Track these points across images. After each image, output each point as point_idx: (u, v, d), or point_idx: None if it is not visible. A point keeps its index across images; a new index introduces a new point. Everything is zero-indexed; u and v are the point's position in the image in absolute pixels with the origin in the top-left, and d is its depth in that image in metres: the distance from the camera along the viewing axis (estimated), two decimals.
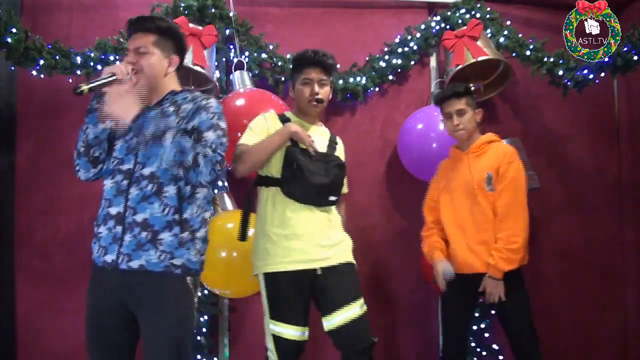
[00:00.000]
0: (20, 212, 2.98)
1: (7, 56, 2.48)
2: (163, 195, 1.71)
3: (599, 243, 3.47)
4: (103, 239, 1.72)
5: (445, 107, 2.48)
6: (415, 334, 3.30)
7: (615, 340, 3.44)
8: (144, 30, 1.83)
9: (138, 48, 1.80)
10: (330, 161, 2.19)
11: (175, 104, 1.82)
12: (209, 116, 1.76)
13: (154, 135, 1.64)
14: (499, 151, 2.44)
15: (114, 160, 1.79)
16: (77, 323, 2.95)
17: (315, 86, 2.19)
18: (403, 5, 3.40)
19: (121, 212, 1.70)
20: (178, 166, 1.64)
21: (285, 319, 2.10)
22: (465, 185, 2.45)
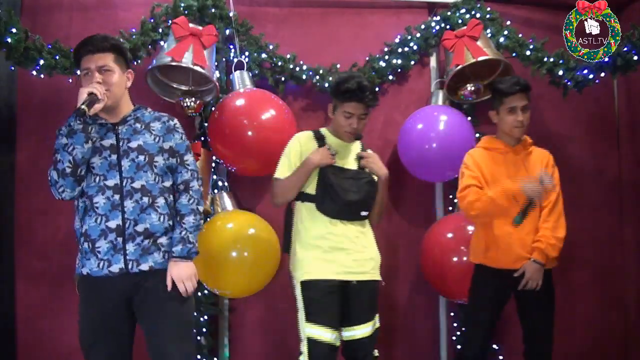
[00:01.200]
0: (20, 212, 2.98)
1: (7, 56, 2.48)
2: (157, 206, 1.93)
3: (598, 242, 3.47)
4: (103, 252, 1.88)
5: (512, 100, 2.39)
6: (415, 334, 3.30)
7: (615, 340, 3.44)
8: (102, 50, 1.94)
9: (102, 67, 1.92)
10: (362, 178, 2.30)
11: (139, 121, 2.00)
12: (181, 138, 2.04)
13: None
14: (544, 153, 2.54)
15: (96, 177, 1.92)
16: (77, 323, 2.97)
17: (355, 121, 2.26)
18: (403, 5, 3.40)
19: (120, 225, 1.87)
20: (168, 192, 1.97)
21: (320, 322, 2.19)
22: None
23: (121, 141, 1.94)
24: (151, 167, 1.94)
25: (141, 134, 1.96)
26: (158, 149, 1.96)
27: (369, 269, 2.29)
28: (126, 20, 3.04)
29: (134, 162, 1.92)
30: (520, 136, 2.47)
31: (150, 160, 1.94)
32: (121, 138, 1.95)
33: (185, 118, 3.03)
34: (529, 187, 2.28)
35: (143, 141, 1.95)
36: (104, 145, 1.93)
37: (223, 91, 3.01)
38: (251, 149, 2.77)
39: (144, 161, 1.93)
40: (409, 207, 3.34)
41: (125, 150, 1.93)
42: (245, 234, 2.78)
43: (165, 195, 1.96)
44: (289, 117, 2.90)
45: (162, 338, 1.90)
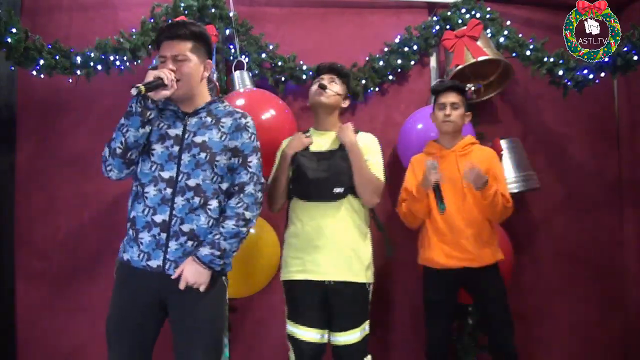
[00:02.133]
0: (20, 212, 2.98)
1: (7, 56, 2.48)
2: (208, 208, 1.84)
3: (599, 243, 3.47)
4: (145, 244, 1.81)
5: (442, 97, 2.61)
6: (415, 335, 3.30)
7: (615, 340, 3.43)
8: (179, 38, 1.86)
9: (176, 56, 1.85)
10: (334, 157, 2.26)
11: (211, 115, 1.92)
12: (250, 137, 1.94)
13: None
14: (484, 152, 2.60)
15: (153, 165, 1.84)
16: (77, 323, 2.97)
17: (324, 80, 2.36)
18: (403, 5, 3.40)
19: (166, 220, 1.80)
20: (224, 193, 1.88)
21: (301, 321, 2.20)
22: (453, 183, 2.52)
23: (187, 133, 1.87)
24: (211, 165, 1.85)
25: (209, 129, 1.88)
26: (222, 147, 1.88)
27: (345, 269, 2.20)
28: (126, 20, 3.05)
29: (195, 158, 1.84)
30: (450, 132, 2.58)
31: (211, 159, 1.85)
32: (188, 130, 1.87)
33: None
34: (425, 171, 2.40)
35: (209, 137, 1.87)
36: (169, 134, 1.86)
37: (223, 91, 3.01)
38: None
39: (205, 159, 1.85)
40: None
41: (188, 144, 1.85)
42: None
43: (220, 198, 1.87)
44: (289, 117, 2.90)
45: (191, 347, 1.82)
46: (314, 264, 2.20)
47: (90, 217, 2.99)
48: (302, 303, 2.22)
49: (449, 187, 2.51)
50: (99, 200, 3.01)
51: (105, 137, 3.00)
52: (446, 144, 2.63)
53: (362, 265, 2.24)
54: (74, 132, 3.03)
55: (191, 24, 1.92)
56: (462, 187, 2.51)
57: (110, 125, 2.98)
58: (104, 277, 2.91)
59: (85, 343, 2.97)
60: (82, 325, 2.97)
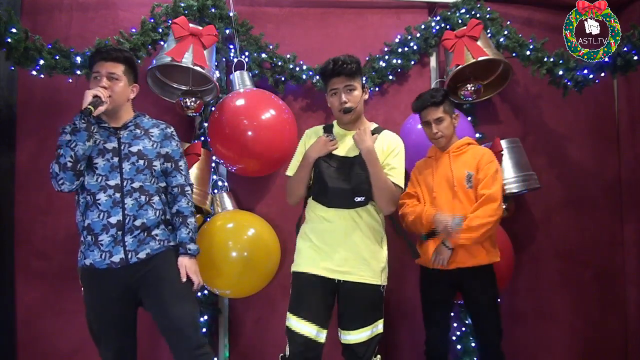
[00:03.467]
0: (20, 212, 2.98)
1: (7, 56, 2.47)
2: (152, 203, 2.15)
3: (599, 243, 3.47)
4: (105, 245, 2.08)
5: (424, 115, 2.61)
6: (415, 335, 3.30)
7: (615, 340, 3.43)
8: (114, 60, 2.15)
9: (112, 74, 2.14)
10: (355, 164, 2.21)
11: (139, 127, 2.22)
12: (177, 145, 2.27)
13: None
14: (478, 152, 2.58)
15: (99, 177, 2.11)
16: (77, 323, 2.97)
17: (342, 96, 2.22)
18: (403, 5, 3.40)
19: (121, 220, 2.09)
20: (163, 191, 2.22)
21: (299, 313, 2.18)
22: (446, 182, 2.55)
23: (122, 145, 2.15)
24: (150, 170, 2.16)
25: (141, 139, 2.18)
26: (156, 154, 2.19)
27: (358, 270, 2.19)
28: (126, 20, 3.05)
29: (134, 165, 2.13)
30: (444, 145, 2.61)
31: (149, 164, 2.16)
32: (122, 142, 2.16)
33: (185, 118, 3.04)
34: (440, 219, 2.43)
35: (142, 146, 2.17)
36: (107, 148, 2.14)
37: (223, 91, 3.02)
38: (251, 149, 2.76)
39: (143, 165, 2.15)
40: None
41: (126, 154, 2.14)
42: (245, 234, 2.79)
43: (160, 194, 2.19)
44: (289, 117, 2.90)
45: (165, 303, 2.08)
46: (329, 262, 2.19)
47: None
48: (307, 296, 2.20)
49: (442, 186, 2.55)
50: None
51: None
52: (442, 148, 2.64)
53: (377, 268, 2.23)
54: None
55: (125, 50, 2.25)
56: (454, 186, 2.52)
57: None
58: None
59: (85, 343, 2.96)
60: (82, 325, 2.93)
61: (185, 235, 2.20)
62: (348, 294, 2.20)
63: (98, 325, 2.12)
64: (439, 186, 2.56)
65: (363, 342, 2.19)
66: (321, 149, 2.24)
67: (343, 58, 2.21)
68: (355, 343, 2.19)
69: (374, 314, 2.22)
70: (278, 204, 3.15)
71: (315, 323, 2.16)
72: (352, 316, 2.20)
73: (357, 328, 2.18)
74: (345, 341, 2.21)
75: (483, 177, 2.49)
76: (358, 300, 2.20)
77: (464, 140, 2.63)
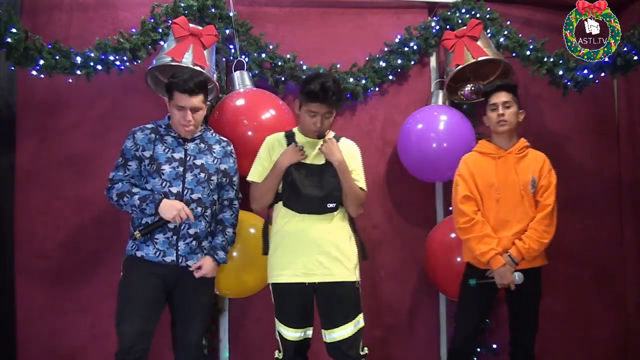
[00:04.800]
0: (20, 212, 2.98)
1: (7, 56, 2.47)
2: (205, 215, 2.34)
3: (599, 243, 3.47)
4: (160, 244, 2.26)
5: (493, 98, 2.54)
6: (415, 335, 3.30)
7: (615, 340, 3.43)
8: (195, 93, 2.27)
9: (196, 108, 2.29)
10: (327, 172, 2.29)
11: (204, 141, 2.40)
12: (234, 162, 2.47)
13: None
14: (539, 157, 2.57)
15: (164, 182, 2.28)
16: (77, 323, 2.97)
17: (319, 121, 2.27)
18: (403, 5, 3.40)
19: (177, 226, 2.27)
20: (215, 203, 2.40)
21: (285, 322, 2.30)
22: (512, 185, 2.50)
23: (188, 157, 2.33)
24: (208, 183, 2.34)
25: (205, 154, 2.37)
26: (215, 169, 2.38)
27: (334, 269, 2.24)
28: (126, 20, 3.05)
29: (196, 177, 2.31)
30: (506, 132, 2.54)
31: (208, 178, 2.34)
32: (189, 154, 2.34)
33: None
34: (502, 275, 2.41)
35: (205, 161, 2.36)
36: (174, 157, 2.31)
37: (223, 91, 3.01)
38: (251, 148, 2.76)
39: (204, 178, 2.33)
40: (409, 207, 3.33)
41: (190, 166, 2.32)
42: (245, 233, 2.78)
43: (213, 207, 2.39)
44: (289, 117, 2.90)
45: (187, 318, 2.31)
46: (303, 267, 2.24)
47: (90, 217, 2.99)
48: (288, 306, 2.29)
49: (508, 188, 2.49)
50: (99, 200, 2.99)
51: (105, 137, 3.02)
52: (503, 144, 2.56)
53: (350, 265, 2.29)
54: (74, 132, 3.03)
55: (201, 79, 2.32)
56: (521, 189, 2.48)
57: (110, 125, 3.02)
58: (103, 277, 2.92)
59: (85, 343, 2.97)
60: (82, 325, 2.97)
61: (219, 242, 2.37)
62: (327, 294, 2.26)
63: (131, 303, 2.22)
64: (504, 188, 2.49)
65: (348, 338, 2.24)
66: (291, 158, 2.28)
67: (333, 88, 2.21)
68: (341, 340, 2.24)
69: (355, 309, 2.28)
70: None
71: (300, 328, 2.29)
72: (334, 314, 2.26)
73: (341, 325, 2.24)
74: (331, 339, 2.27)
75: (547, 184, 2.49)
76: (338, 298, 2.26)
77: (523, 142, 2.58)
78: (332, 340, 2.26)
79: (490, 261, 2.43)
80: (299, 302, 2.28)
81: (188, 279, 2.30)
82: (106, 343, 2.77)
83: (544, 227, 2.45)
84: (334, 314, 2.26)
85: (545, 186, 2.49)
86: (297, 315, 2.29)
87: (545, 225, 2.45)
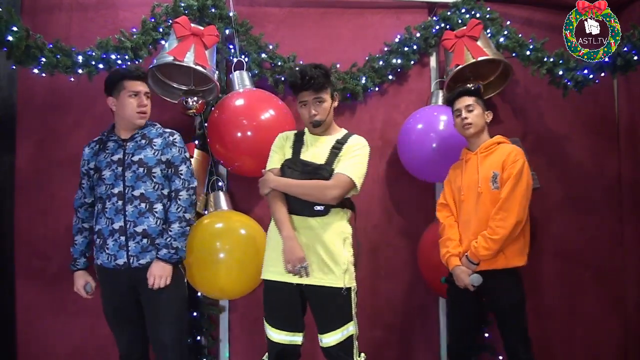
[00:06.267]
0: (20, 212, 2.98)
1: (9, 55, 2.46)
2: (154, 211, 2.27)
3: (599, 243, 3.46)
4: (111, 248, 2.25)
5: (455, 104, 2.59)
6: (415, 335, 3.30)
7: (615, 340, 3.43)
8: (146, 79, 2.38)
9: (147, 93, 2.36)
10: (319, 173, 2.20)
11: (145, 137, 2.35)
12: (179, 151, 2.37)
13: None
14: (505, 150, 2.52)
15: (106, 186, 2.29)
16: (77, 323, 2.97)
17: (311, 108, 2.24)
18: (403, 5, 3.40)
19: (122, 226, 2.25)
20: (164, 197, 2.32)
21: (271, 322, 2.25)
22: (472, 184, 2.52)
23: (126, 155, 2.30)
24: (150, 177, 2.28)
25: (144, 149, 2.31)
26: (156, 161, 2.30)
27: (318, 273, 2.16)
28: (126, 20, 3.05)
29: (135, 173, 2.27)
30: (473, 135, 2.57)
31: (148, 172, 2.28)
32: (127, 153, 2.31)
33: (185, 118, 3.04)
34: (459, 275, 2.46)
35: (144, 155, 2.30)
36: (113, 160, 2.30)
37: (223, 91, 3.01)
38: (251, 149, 2.76)
39: (143, 172, 2.28)
40: (409, 207, 3.33)
41: (128, 164, 2.28)
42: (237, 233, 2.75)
43: (163, 202, 2.31)
44: (288, 117, 2.90)
45: (155, 320, 2.29)
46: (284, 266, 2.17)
47: None
48: (275, 303, 2.25)
49: (468, 188, 2.53)
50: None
51: None
52: (473, 147, 2.61)
53: (339, 270, 2.17)
54: (73, 133, 3.03)
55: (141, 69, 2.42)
56: (478, 187, 2.48)
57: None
58: None
59: (85, 343, 2.97)
60: (82, 325, 2.97)
61: (163, 240, 2.27)
62: (313, 298, 2.22)
63: (110, 316, 2.34)
64: (467, 189, 2.52)
65: (337, 344, 2.19)
66: (291, 257, 2.13)
67: (310, 72, 2.18)
68: (332, 345, 2.19)
69: (342, 317, 2.19)
70: None
71: (287, 330, 2.23)
72: (321, 320, 2.23)
73: (327, 331, 2.20)
74: (323, 344, 2.22)
75: (507, 177, 2.42)
76: (323, 304, 2.20)
77: (494, 139, 2.58)
78: (325, 345, 2.21)
79: (447, 263, 2.52)
80: (285, 302, 2.22)
81: (146, 277, 2.26)
82: (106, 343, 2.77)
83: (497, 222, 2.37)
84: (321, 319, 2.22)
85: (506, 178, 2.43)
86: (282, 315, 2.23)
87: (498, 220, 2.38)
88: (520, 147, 3.10)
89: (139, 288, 2.29)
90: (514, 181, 2.40)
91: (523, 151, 2.54)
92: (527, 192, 2.44)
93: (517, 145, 3.11)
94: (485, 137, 2.60)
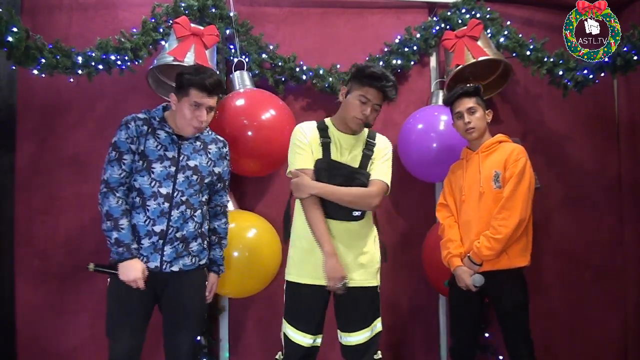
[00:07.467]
0: (20, 212, 2.98)
1: (8, 55, 2.46)
2: (194, 216, 2.21)
3: (599, 243, 3.47)
4: (144, 249, 2.14)
5: (456, 106, 2.54)
6: (416, 335, 3.30)
7: (615, 340, 3.43)
8: (216, 93, 2.19)
9: (211, 108, 2.19)
10: (355, 178, 2.17)
11: (199, 140, 2.28)
12: (228, 165, 2.39)
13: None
14: (508, 148, 2.49)
15: (153, 181, 2.15)
16: (77, 323, 2.97)
17: (369, 109, 2.15)
18: (403, 5, 3.40)
19: (164, 230, 2.14)
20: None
21: (297, 325, 2.19)
22: (474, 184, 2.50)
23: (182, 156, 2.21)
24: (200, 185, 2.23)
25: (199, 154, 2.25)
26: (209, 172, 2.27)
27: (356, 275, 2.16)
28: (126, 20, 3.05)
29: (188, 179, 2.19)
30: (476, 141, 2.55)
31: (200, 180, 2.23)
32: (182, 153, 2.21)
33: None
34: (460, 276, 2.45)
35: (199, 162, 2.24)
36: (167, 155, 2.18)
37: (223, 91, 3.01)
38: (251, 149, 2.76)
39: (196, 181, 2.22)
40: (409, 207, 3.34)
41: (183, 166, 2.20)
42: (246, 233, 2.78)
43: (202, 208, 2.26)
44: (289, 117, 2.90)
45: (175, 325, 2.22)
46: (319, 269, 2.13)
47: (90, 217, 2.99)
48: (302, 307, 2.19)
49: (470, 188, 2.51)
50: None
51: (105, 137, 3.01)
52: (474, 146, 2.57)
53: (373, 270, 2.23)
54: (74, 132, 3.03)
55: (217, 76, 2.25)
56: (480, 187, 2.46)
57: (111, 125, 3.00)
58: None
59: (85, 343, 2.97)
60: (82, 325, 2.97)
61: (219, 256, 2.37)
62: (347, 298, 2.17)
63: (118, 316, 2.16)
64: (469, 189, 2.50)
65: (364, 343, 2.19)
66: (331, 278, 2.10)
67: (391, 77, 2.15)
68: (356, 344, 2.19)
69: (373, 314, 2.23)
70: (278, 204, 3.14)
71: (311, 333, 2.18)
72: (352, 319, 2.20)
73: (358, 330, 2.18)
74: (347, 342, 2.20)
75: (509, 176, 2.39)
76: (358, 303, 2.19)
77: (496, 138, 2.55)
78: (348, 344, 2.19)
79: (448, 264, 2.51)
80: (314, 305, 2.18)
81: (175, 284, 2.20)
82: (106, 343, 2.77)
83: (500, 222, 2.35)
84: (352, 318, 2.19)
85: (508, 177, 2.40)
86: (310, 319, 2.18)
87: (501, 219, 2.35)
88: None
89: (161, 290, 2.20)
90: (516, 180, 2.39)
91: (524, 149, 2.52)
92: (530, 190, 2.43)
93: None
94: (487, 136, 2.58)
